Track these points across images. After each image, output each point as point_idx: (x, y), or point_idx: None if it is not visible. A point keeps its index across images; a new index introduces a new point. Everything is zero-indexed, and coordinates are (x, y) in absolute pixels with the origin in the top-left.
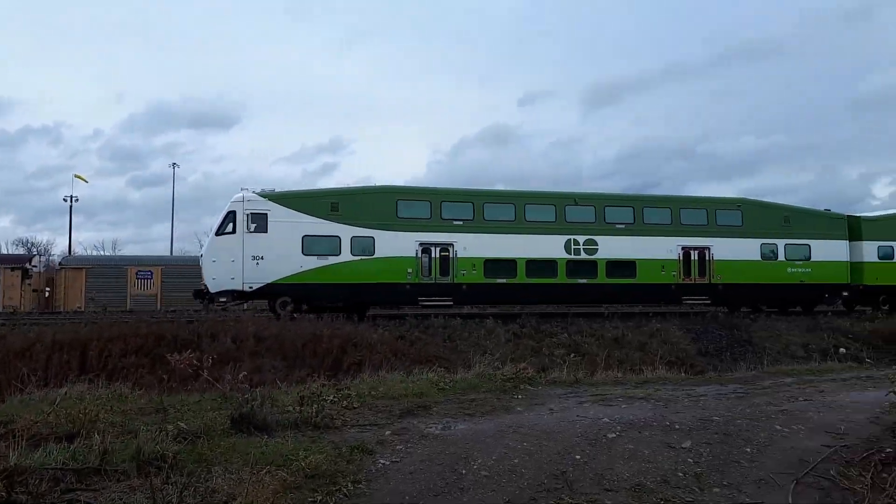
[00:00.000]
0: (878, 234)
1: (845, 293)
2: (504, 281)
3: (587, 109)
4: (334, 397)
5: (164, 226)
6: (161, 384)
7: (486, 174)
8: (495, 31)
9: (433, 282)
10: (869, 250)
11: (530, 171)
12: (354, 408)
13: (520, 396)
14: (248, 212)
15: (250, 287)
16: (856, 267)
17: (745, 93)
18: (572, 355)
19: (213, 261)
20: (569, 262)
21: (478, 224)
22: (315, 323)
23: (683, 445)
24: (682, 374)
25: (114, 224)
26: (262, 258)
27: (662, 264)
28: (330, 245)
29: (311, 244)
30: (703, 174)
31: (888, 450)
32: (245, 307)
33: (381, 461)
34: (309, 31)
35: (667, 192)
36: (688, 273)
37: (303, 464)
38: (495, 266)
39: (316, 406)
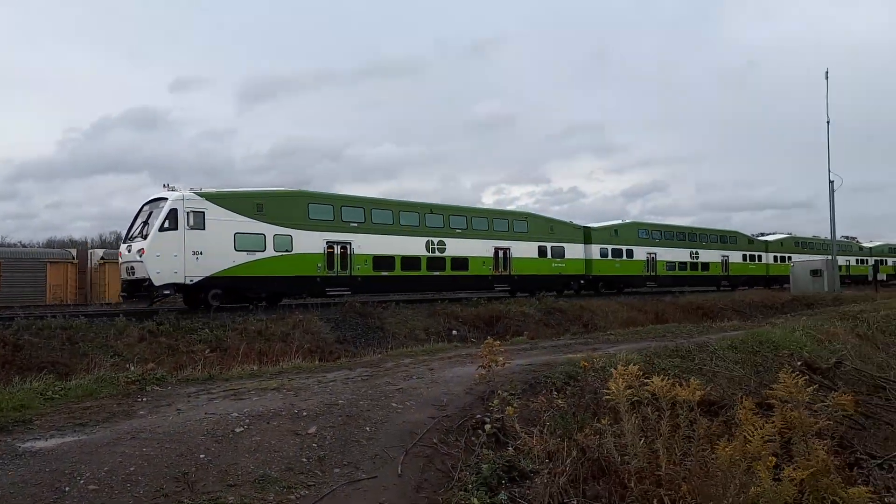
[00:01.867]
0: (600, 239)
1: (582, 281)
2: (387, 273)
3: (243, 102)
4: None
5: None
6: None
7: (130, 158)
8: (145, 5)
9: (336, 275)
10: (595, 251)
11: (179, 158)
12: None
13: (145, 399)
14: (189, 210)
15: (191, 280)
16: (588, 262)
17: (387, 104)
18: (207, 351)
19: (158, 255)
20: (428, 258)
21: (368, 226)
22: None
23: (309, 431)
24: (317, 362)
25: None
26: (201, 253)
27: (483, 260)
28: (257, 242)
29: (241, 241)
30: (349, 175)
31: (478, 416)
32: None
33: None
34: None
35: (318, 189)
36: (497, 267)
37: None
38: (380, 261)
39: None
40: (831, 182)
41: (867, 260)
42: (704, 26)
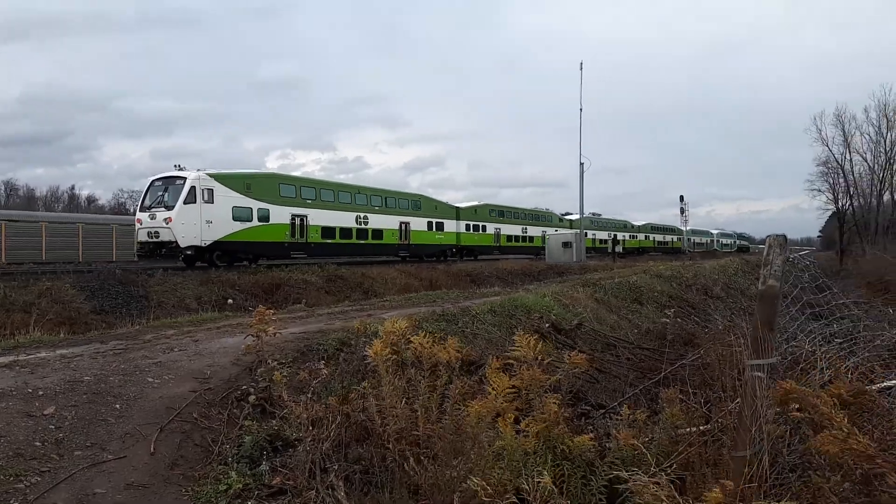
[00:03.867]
0: (466, 216)
1: (454, 249)
2: (330, 241)
3: None
4: None
5: None
6: None
7: None
8: None
9: (297, 241)
10: (462, 226)
11: None
12: None
13: None
14: (203, 187)
15: (204, 243)
16: (458, 235)
17: (166, 57)
18: None
19: (183, 223)
20: (357, 229)
21: (318, 203)
22: None
23: (46, 412)
24: (62, 335)
25: None
26: (211, 222)
27: (393, 232)
28: (247, 214)
29: (236, 213)
30: (120, 129)
31: (244, 387)
32: None
33: None
34: None
35: (75, 144)
36: (401, 238)
37: None
38: (327, 231)
39: None
40: (581, 164)
41: (637, 235)
42: (482, 12)
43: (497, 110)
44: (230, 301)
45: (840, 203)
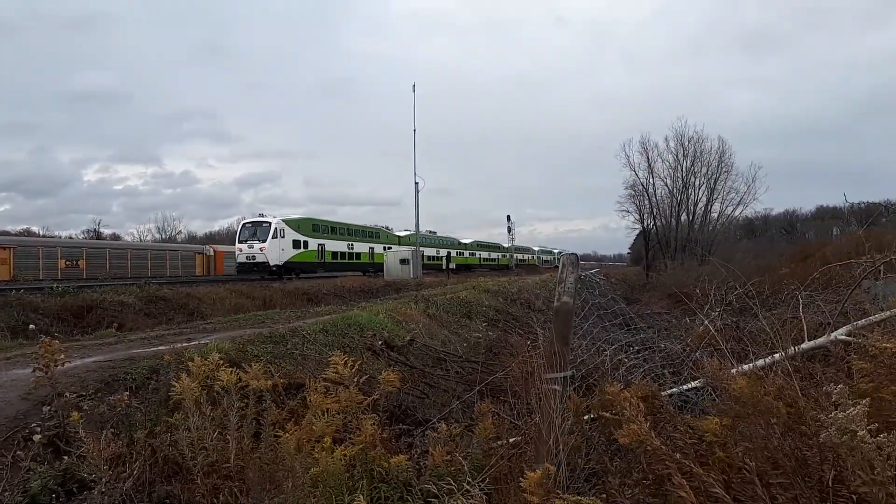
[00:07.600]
0: (403, 242)
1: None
2: (335, 261)
3: None
4: None
5: None
6: None
7: None
8: None
9: (320, 261)
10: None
11: None
12: None
13: None
14: (280, 228)
15: (281, 262)
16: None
17: None
18: None
19: (271, 251)
20: (348, 253)
21: (329, 236)
22: None
23: None
24: None
25: None
26: (283, 250)
27: (365, 254)
28: (298, 244)
29: (294, 243)
30: None
31: (34, 424)
32: None
33: None
34: None
35: None
36: (370, 259)
37: None
38: (334, 254)
39: None
40: (416, 184)
41: (505, 254)
42: (317, 32)
43: (331, 129)
44: (32, 327)
45: (646, 223)
